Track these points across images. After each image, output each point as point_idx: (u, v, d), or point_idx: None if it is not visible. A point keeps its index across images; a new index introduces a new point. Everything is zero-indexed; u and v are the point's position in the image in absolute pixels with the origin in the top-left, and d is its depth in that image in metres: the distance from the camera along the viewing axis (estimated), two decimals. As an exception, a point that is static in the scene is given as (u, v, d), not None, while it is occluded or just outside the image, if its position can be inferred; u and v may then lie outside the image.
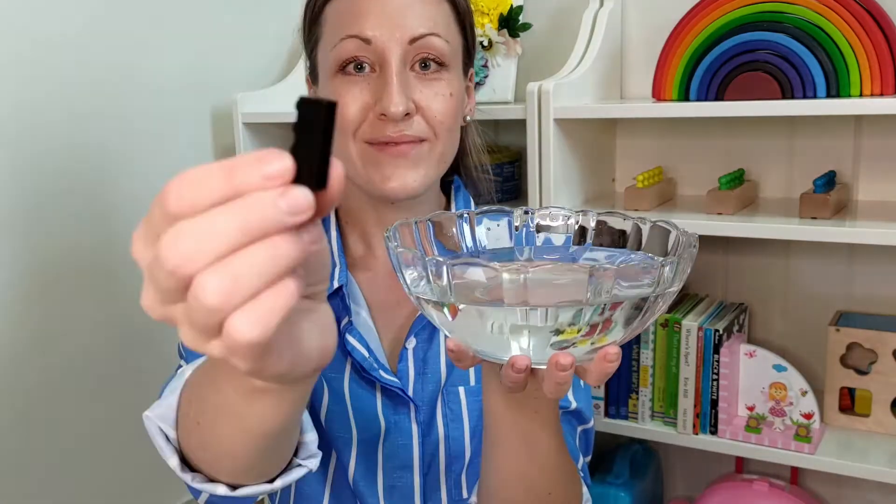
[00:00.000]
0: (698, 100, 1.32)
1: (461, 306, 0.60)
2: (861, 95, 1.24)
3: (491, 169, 1.12)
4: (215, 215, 0.39)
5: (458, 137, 0.96)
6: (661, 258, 0.64)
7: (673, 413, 1.46)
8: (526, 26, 1.54)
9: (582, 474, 0.95)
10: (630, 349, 1.47)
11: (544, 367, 0.62)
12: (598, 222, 0.73)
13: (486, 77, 1.57)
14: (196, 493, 0.75)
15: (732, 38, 1.28)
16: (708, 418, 1.42)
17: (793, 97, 1.26)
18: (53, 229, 1.40)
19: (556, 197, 1.40)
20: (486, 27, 1.53)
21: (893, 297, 1.48)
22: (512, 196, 1.60)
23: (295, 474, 0.73)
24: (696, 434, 1.44)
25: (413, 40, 0.89)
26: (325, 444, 0.96)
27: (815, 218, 1.29)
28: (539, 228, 0.75)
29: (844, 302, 1.52)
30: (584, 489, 0.91)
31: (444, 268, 0.58)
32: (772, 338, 1.59)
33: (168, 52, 1.57)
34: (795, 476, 1.56)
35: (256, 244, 0.39)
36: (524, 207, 0.75)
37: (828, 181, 1.34)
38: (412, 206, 0.95)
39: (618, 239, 0.72)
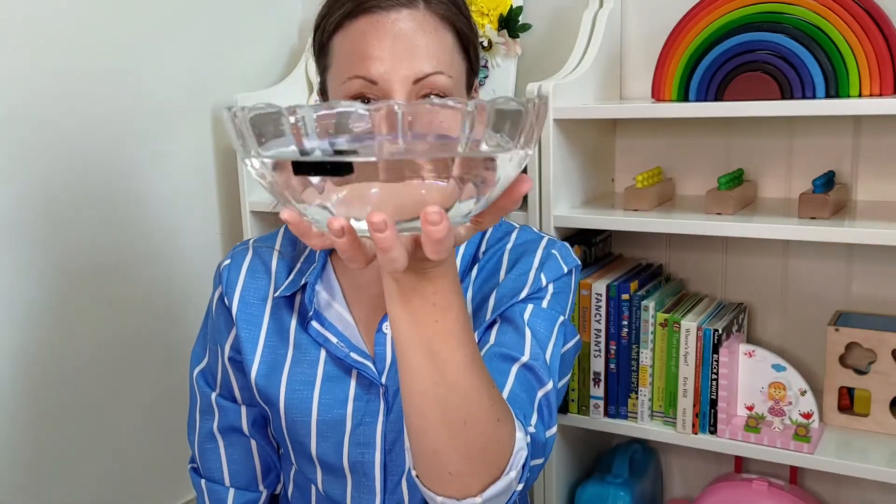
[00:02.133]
0: (697, 100, 1.32)
1: (269, 161, 0.59)
2: (860, 96, 1.24)
3: None
4: None
5: None
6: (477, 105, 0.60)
7: (672, 413, 1.46)
8: (525, 27, 1.54)
9: (532, 430, 0.88)
10: (629, 349, 1.48)
11: (367, 234, 0.61)
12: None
13: (485, 77, 1.57)
14: None
15: (732, 39, 1.28)
16: (707, 418, 1.43)
17: (792, 97, 1.26)
18: (53, 230, 1.40)
19: (556, 197, 1.40)
20: (485, 28, 1.53)
21: (892, 297, 1.48)
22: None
23: None
24: (696, 434, 1.44)
25: (417, 80, 0.92)
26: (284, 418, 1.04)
27: (814, 218, 1.30)
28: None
29: (843, 302, 1.52)
30: (520, 435, 0.83)
31: (246, 120, 0.60)
32: (771, 338, 1.59)
33: (168, 52, 1.57)
34: (794, 476, 1.56)
35: None
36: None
37: (827, 181, 1.34)
38: None
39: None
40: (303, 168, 0.58)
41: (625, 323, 1.47)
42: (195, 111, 1.66)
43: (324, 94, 1.02)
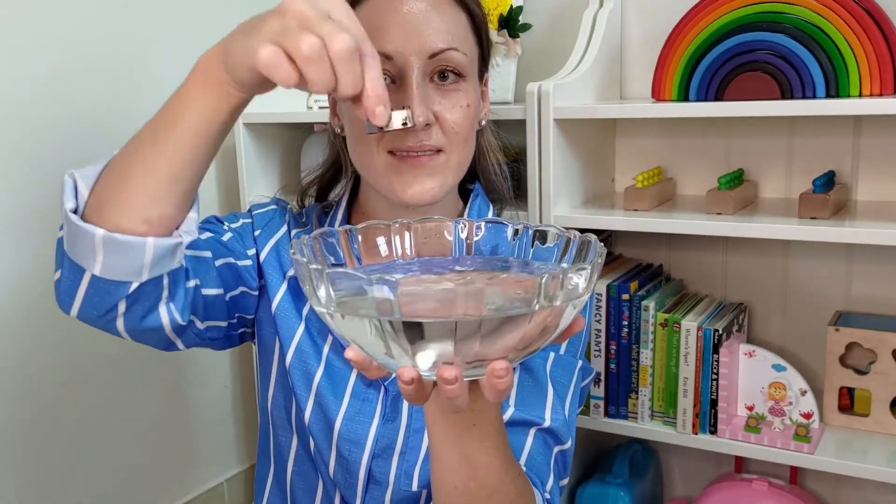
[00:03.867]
0: (698, 100, 1.32)
1: (343, 315, 0.61)
2: (860, 96, 1.24)
3: (507, 169, 1.14)
4: None
5: (473, 144, 1.01)
6: (547, 270, 0.64)
7: (672, 413, 1.46)
8: (526, 27, 1.54)
9: (548, 496, 0.95)
10: (629, 349, 1.48)
11: (432, 377, 0.63)
12: (534, 233, 0.75)
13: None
14: (72, 284, 0.83)
15: (732, 39, 1.28)
16: (707, 418, 1.42)
17: (792, 97, 1.26)
18: (53, 230, 1.40)
19: (556, 197, 1.40)
20: (486, 27, 1.53)
21: (893, 297, 1.48)
22: (514, 195, 1.60)
23: (170, 241, 0.81)
24: (696, 434, 1.44)
25: (433, 55, 0.93)
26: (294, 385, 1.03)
27: (814, 218, 1.30)
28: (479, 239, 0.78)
29: (844, 302, 1.52)
30: None
31: (322, 276, 0.60)
32: (771, 338, 1.59)
33: (168, 52, 1.57)
34: (795, 476, 1.56)
35: None
36: (464, 219, 0.78)
37: (827, 181, 1.34)
38: (428, 212, 0.98)
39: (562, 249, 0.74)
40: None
41: (625, 323, 1.47)
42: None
43: None
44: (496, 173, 1.11)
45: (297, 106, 1.71)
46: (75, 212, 0.81)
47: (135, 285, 0.82)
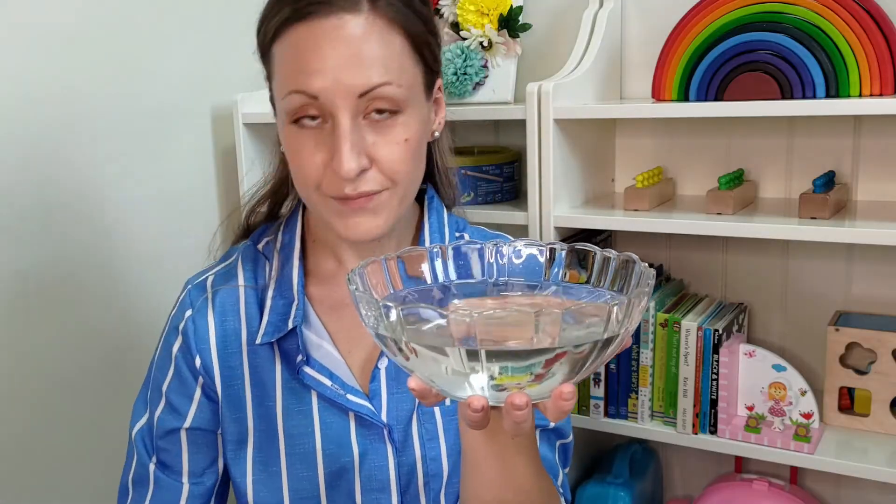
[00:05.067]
0: (698, 100, 1.32)
1: (415, 346, 0.61)
2: (860, 96, 1.24)
3: (490, 169, 1.12)
4: None
5: (422, 166, 0.94)
6: (613, 299, 0.64)
7: (672, 413, 1.46)
8: (526, 27, 1.54)
9: (561, 490, 0.96)
10: (630, 349, 1.47)
11: (501, 405, 0.63)
12: (568, 253, 0.74)
13: (485, 77, 1.57)
14: None
15: (732, 39, 1.28)
16: (707, 418, 1.42)
17: (792, 97, 1.26)
18: (52, 230, 1.40)
19: (556, 197, 1.40)
20: (485, 27, 1.53)
21: (893, 297, 1.48)
22: (511, 197, 1.61)
23: None
24: (696, 434, 1.44)
25: (362, 94, 0.84)
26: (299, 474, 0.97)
27: (814, 218, 1.29)
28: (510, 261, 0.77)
29: (844, 302, 1.52)
30: (562, 502, 0.93)
31: (394, 311, 0.59)
32: (771, 338, 1.59)
33: (168, 52, 1.57)
34: (795, 476, 1.56)
35: None
36: (496, 241, 0.77)
37: (827, 181, 1.34)
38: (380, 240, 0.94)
39: (591, 267, 0.73)
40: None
41: (625, 323, 1.47)
42: (195, 111, 1.66)
43: (273, 102, 0.94)
44: (442, 177, 1.05)
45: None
46: None
47: None
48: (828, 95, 1.25)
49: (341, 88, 0.83)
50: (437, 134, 0.98)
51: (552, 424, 0.97)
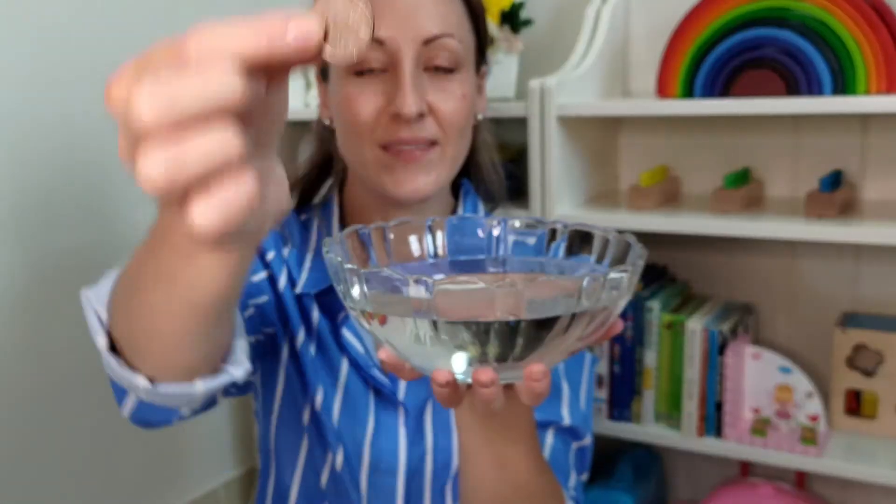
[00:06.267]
0: (703, 97, 1.31)
1: (379, 315, 0.59)
2: (867, 93, 1.23)
3: (502, 170, 1.11)
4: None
5: (469, 137, 0.97)
6: (588, 272, 0.62)
7: (677, 415, 1.45)
8: (528, 22, 1.53)
9: (574, 493, 0.94)
10: (633, 351, 1.46)
11: (467, 380, 0.61)
12: (570, 234, 0.73)
13: (488, 73, 1.56)
14: (120, 395, 0.75)
15: (737, 35, 1.27)
16: (713, 421, 1.41)
17: (798, 94, 1.25)
18: (52, 230, 1.39)
19: (559, 195, 1.39)
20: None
21: (901, 298, 1.46)
22: (513, 195, 1.59)
23: (219, 380, 0.68)
24: (701, 437, 1.42)
25: (427, 41, 0.88)
26: (317, 435, 0.97)
27: (821, 217, 1.28)
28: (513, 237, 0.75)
29: (851, 303, 1.50)
30: None
31: (357, 276, 0.58)
32: (777, 339, 1.57)
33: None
34: (801, 480, 1.55)
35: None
36: (500, 217, 0.75)
37: (834, 180, 1.32)
38: (420, 209, 0.95)
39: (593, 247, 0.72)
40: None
41: (629, 324, 1.45)
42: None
43: (324, 73, 0.98)
44: (490, 171, 1.07)
45: (295, 102, 1.69)
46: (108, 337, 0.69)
47: (186, 410, 0.75)
48: (835, 93, 1.24)
49: (408, 34, 0.87)
50: (479, 117, 1.01)
51: (566, 422, 0.95)
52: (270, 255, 0.98)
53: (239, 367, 0.70)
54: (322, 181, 1.10)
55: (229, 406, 1.79)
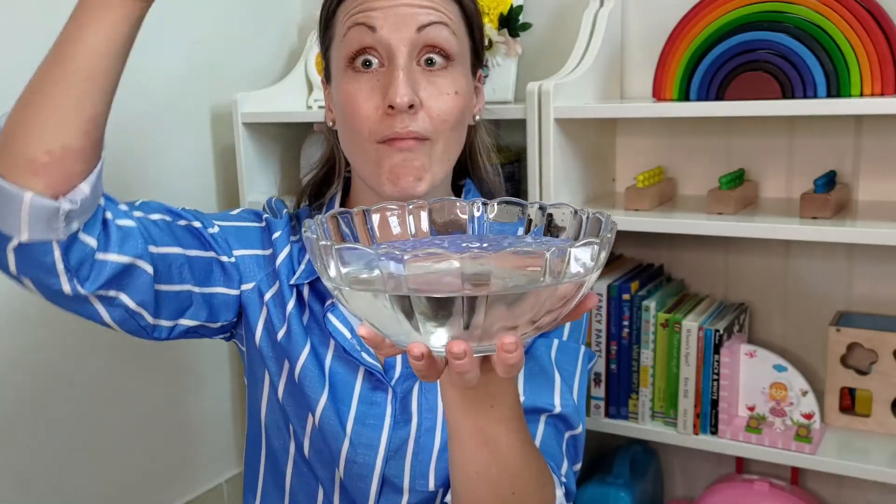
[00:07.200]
0: (699, 99, 1.32)
1: (351, 290, 0.62)
2: (861, 95, 1.24)
3: (500, 170, 1.13)
4: None
5: (462, 136, 0.98)
6: (553, 245, 0.63)
7: (673, 413, 1.46)
8: (526, 26, 1.54)
9: (564, 479, 0.95)
10: (630, 349, 1.47)
11: (442, 354, 0.63)
12: (548, 215, 0.75)
13: (486, 77, 1.57)
14: (3, 242, 0.80)
15: (733, 38, 1.28)
16: (708, 418, 1.42)
17: (793, 97, 1.26)
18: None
19: (557, 197, 1.40)
20: (485, 27, 1.53)
21: (894, 297, 1.47)
22: (513, 196, 1.60)
23: (49, 203, 0.78)
24: (697, 434, 1.44)
25: (420, 28, 0.91)
26: (295, 404, 1.01)
27: (815, 218, 1.29)
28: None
29: (845, 302, 1.51)
30: (559, 493, 0.91)
31: (330, 253, 0.61)
32: (772, 338, 1.59)
33: (168, 51, 1.57)
34: (796, 476, 1.56)
35: None
36: (483, 200, 0.78)
37: (828, 181, 1.33)
38: None
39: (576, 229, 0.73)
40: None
41: (625, 323, 1.46)
42: (195, 111, 1.66)
43: (328, 75, 1.01)
44: (490, 172, 1.09)
45: (297, 105, 1.70)
46: None
47: (15, 242, 0.80)
48: (829, 95, 1.25)
49: (401, 22, 0.90)
50: (477, 118, 1.04)
51: (557, 410, 0.96)
52: (281, 257, 1.03)
53: (70, 204, 0.81)
54: (330, 183, 1.12)
55: (231, 405, 1.80)
